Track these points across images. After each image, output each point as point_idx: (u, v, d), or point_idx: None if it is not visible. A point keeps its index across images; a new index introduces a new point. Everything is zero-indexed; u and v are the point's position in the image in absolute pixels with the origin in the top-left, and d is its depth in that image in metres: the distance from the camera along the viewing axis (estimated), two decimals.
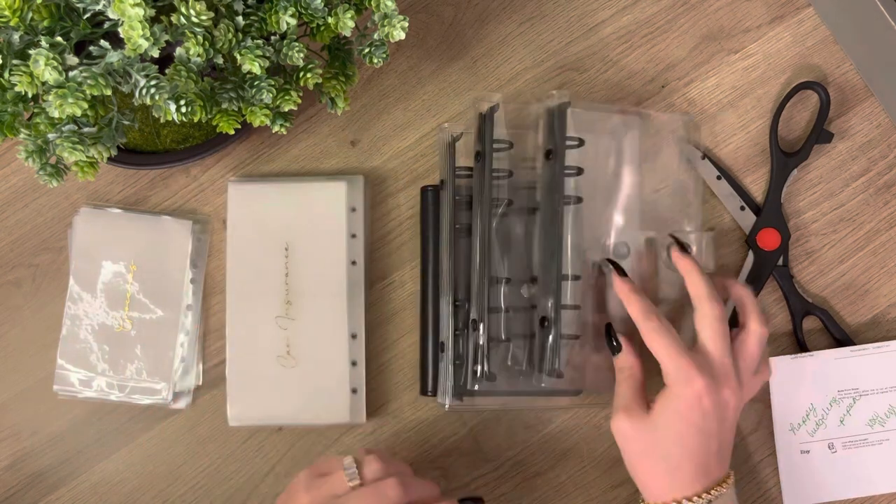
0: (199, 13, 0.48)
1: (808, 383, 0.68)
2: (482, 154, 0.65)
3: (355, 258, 0.69)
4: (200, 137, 0.67)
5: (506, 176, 0.66)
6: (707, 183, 0.70)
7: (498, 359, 0.64)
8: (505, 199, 0.65)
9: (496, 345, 0.64)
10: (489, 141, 0.64)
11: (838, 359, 0.67)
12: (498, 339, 0.64)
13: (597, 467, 0.68)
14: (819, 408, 0.67)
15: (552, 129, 0.64)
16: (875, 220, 0.71)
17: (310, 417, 0.67)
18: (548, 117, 0.65)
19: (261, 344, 0.67)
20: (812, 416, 0.67)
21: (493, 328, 0.64)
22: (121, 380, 0.68)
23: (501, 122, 0.66)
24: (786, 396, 0.68)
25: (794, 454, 0.67)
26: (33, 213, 0.70)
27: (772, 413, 0.68)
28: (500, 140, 0.65)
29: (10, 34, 0.49)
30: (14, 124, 0.52)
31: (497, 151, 0.65)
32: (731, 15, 0.72)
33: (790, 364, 0.68)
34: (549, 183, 0.64)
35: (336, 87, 0.60)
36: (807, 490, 0.67)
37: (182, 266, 0.69)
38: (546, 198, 0.64)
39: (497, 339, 0.64)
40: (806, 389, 0.68)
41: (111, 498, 0.68)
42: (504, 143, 0.66)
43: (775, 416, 0.68)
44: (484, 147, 0.65)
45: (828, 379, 0.67)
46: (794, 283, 0.69)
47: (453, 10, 0.72)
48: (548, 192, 0.64)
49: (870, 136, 0.71)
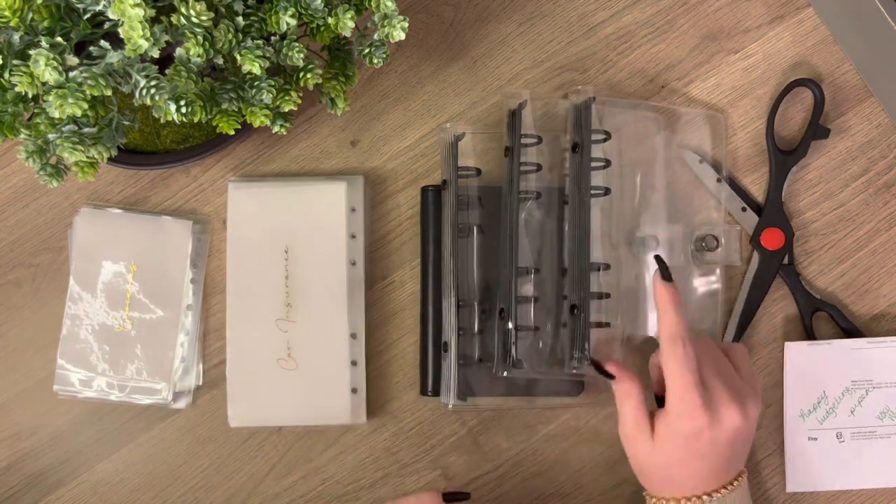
0: (199, 13, 0.48)
1: (822, 371, 0.68)
2: (511, 149, 0.66)
3: (355, 258, 0.69)
4: (200, 138, 0.67)
5: (534, 170, 0.67)
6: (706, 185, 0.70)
7: (525, 347, 0.65)
8: (534, 193, 0.66)
9: (524, 334, 0.65)
10: (518, 136, 0.66)
11: (855, 349, 0.67)
12: (526, 328, 0.65)
13: (597, 467, 0.68)
14: (831, 396, 0.67)
15: (578, 124, 0.66)
16: (875, 220, 0.71)
17: (310, 418, 0.67)
18: (574, 112, 0.67)
19: (261, 346, 0.67)
20: (823, 404, 0.67)
21: (522, 317, 0.65)
22: (121, 380, 0.68)
23: (530, 118, 0.67)
24: (799, 382, 0.68)
25: (802, 440, 0.68)
26: (33, 213, 0.70)
27: (783, 397, 0.68)
28: (529, 135, 0.67)
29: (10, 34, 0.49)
30: (14, 124, 0.52)
31: (525, 146, 0.66)
32: (731, 15, 0.72)
33: (806, 350, 0.68)
34: (576, 175, 0.65)
35: (336, 88, 0.60)
36: (811, 477, 0.67)
37: (182, 266, 0.69)
38: (574, 189, 0.66)
39: (526, 327, 0.65)
40: (819, 377, 0.68)
41: (111, 498, 0.68)
42: (532, 138, 0.67)
43: (786, 400, 0.68)
44: (514, 142, 0.66)
45: (842, 368, 0.67)
46: (800, 281, 0.69)
47: (453, 10, 0.72)
48: (575, 184, 0.65)
49: (869, 136, 0.71)
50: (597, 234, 0.66)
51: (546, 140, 0.68)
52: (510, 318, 0.64)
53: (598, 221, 0.66)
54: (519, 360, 0.64)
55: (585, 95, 0.66)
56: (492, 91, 0.71)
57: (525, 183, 0.66)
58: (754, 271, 0.69)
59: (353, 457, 0.68)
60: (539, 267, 0.66)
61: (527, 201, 0.67)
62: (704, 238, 0.69)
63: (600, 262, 0.66)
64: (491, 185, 0.68)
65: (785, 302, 0.70)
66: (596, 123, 0.66)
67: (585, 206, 0.65)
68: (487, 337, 0.66)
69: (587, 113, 0.66)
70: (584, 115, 0.66)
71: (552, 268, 0.67)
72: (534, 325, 0.65)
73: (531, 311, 0.66)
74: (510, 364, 0.64)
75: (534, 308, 0.66)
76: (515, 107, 0.67)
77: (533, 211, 0.67)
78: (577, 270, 0.65)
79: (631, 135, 0.69)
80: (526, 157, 0.66)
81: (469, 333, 0.66)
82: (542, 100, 0.71)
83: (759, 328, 0.70)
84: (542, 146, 0.68)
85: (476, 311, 0.67)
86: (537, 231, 0.67)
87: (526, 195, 0.66)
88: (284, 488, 0.68)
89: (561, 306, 0.66)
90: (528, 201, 0.67)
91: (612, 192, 0.67)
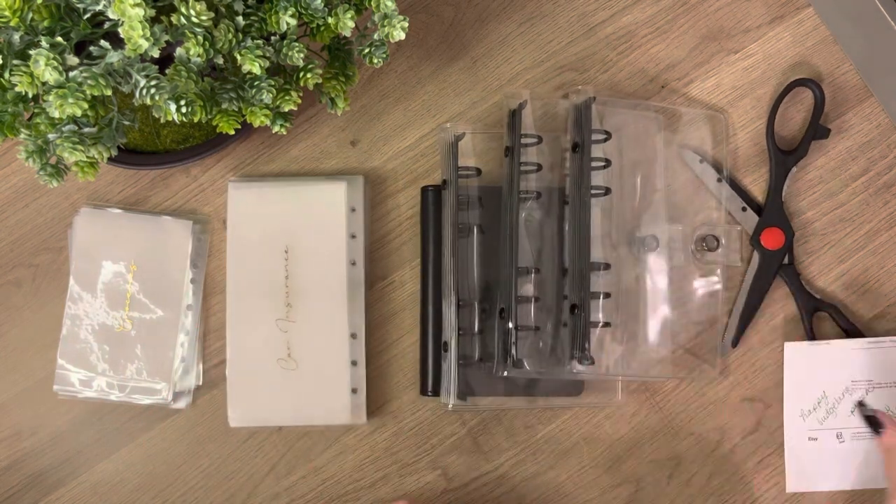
0: (199, 13, 0.48)
1: (822, 371, 0.68)
2: (512, 149, 0.66)
3: (355, 258, 0.69)
4: (200, 137, 0.67)
5: (535, 169, 0.67)
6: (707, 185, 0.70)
7: (525, 347, 0.65)
8: (534, 193, 0.67)
9: (525, 333, 0.65)
10: (518, 136, 0.66)
11: (855, 349, 0.67)
12: (526, 328, 0.65)
13: (597, 467, 0.68)
14: (831, 396, 0.67)
15: (578, 124, 0.66)
16: (875, 220, 0.71)
17: (310, 418, 0.67)
18: (574, 112, 0.67)
19: (261, 346, 0.67)
20: (823, 404, 0.67)
21: (522, 317, 0.65)
22: (121, 380, 0.68)
23: (530, 118, 0.68)
24: (799, 382, 0.68)
25: (803, 440, 0.68)
26: (33, 213, 0.70)
27: (783, 397, 0.68)
28: (529, 135, 0.67)
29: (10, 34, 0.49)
30: (14, 124, 0.52)
31: (526, 146, 0.66)
32: (731, 15, 0.72)
33: (806, 351, 0.68)
34: (576, 175, 0.66)
35: (336, 88, 0.60)
36: (811, 477, 0.67)
37: (182, 266, 0.69)
38: (574, 190, 0.66)
39: (526, 327, 0.65)
40: (820, 377, 0.68)
41: (111, 498, 0.68)
42: (533, 138, 0.67)
43: (786, 401, 0.68)
44: (514, 142, 0.66)
45: (842, 368, 0.68)
46: (801, 281, 0.69)
47: (453, 10, 0.72)
48: (575, 184, 0.66)
49: (869, 136, 0.71)
50: (597, 233, 0.66)
51: (546, 140, 0.68)
52: (510, 317, 0.64)
53: (598, 221, 0.66)
54: (520, 360, 0.64)
55: (585, 95, 0.66)
56: (492, 91, 0.71)
57: (525, 183, 0.66)
58: (754, 271, 0.69)
59: (353, 457, 0.68)
60: (539, 267, 0.66)
61: (527, 201, 0.67)
62: (705, 238, 0.69)
63: (601, 261, 0.66)
64: (491, 185, 0.68)
65: (785, 302, 0.70)
66: (597, 123, 0.66)
67: (586, 206, 0.65)
68: (487, 337, 0.67)
69: (587, 113, 0.66)
70: (584, 115, 0.66)
71: (552, 268, 0.67)
72: (534, 324, 0.65)
73: (531, 311, 0.66)
74: (511, 364, 0.64)
75: (534, 308, 0.66)
76: (516, 107, 0.67)
77: (533, 211, 0.67)
78: (577, 270, 0.65)
79: (631, 135, 0.69)
80: (526, 156, 0.66)
81: (469, 333, 0.66)
82: (542, 100, 0.71)
83: (760, 328, 0.70)
84: (543, 146, 0.68)
85: (476, 311, 0.67)
86: (537, 231, 0.67)
87: (526, 195, 0.66)
88: (284, 488, 0.68)
89: (561, 306, 0.66)
90: (529, 201, 0.67)
91: (612, 191, 0.67)
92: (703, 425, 0.69)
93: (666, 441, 0.69)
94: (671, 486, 0.68)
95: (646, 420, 0.69)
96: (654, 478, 0.68)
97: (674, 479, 0.68)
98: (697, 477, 0.68)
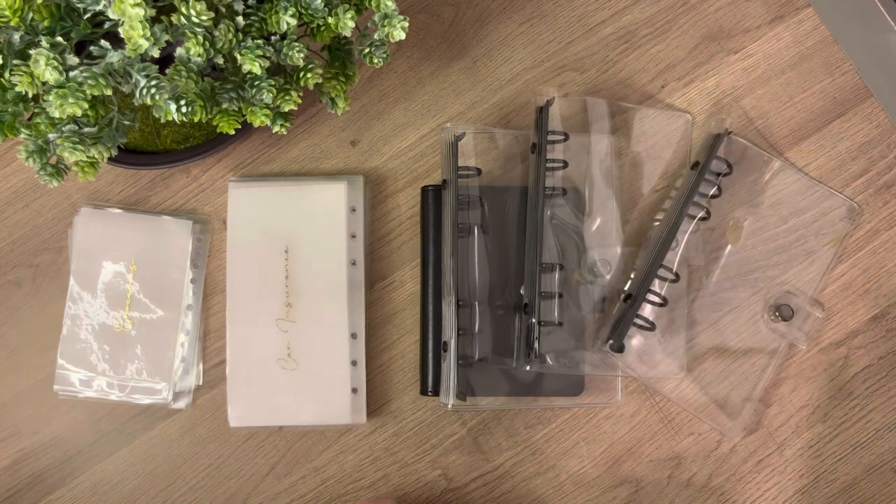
0: (199, 13, 0.48)
1: None
2: (538, 145, 0.66)
3: (355, 258, 0.69)
4: (200, 137, 0.67)
5: (561, 167, 0.67)
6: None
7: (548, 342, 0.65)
8: (560, 189, 0.67)
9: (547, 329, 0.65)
10: (545, 133, 0.66)
11: None
12: (549, 323, 0.65)
13: (597, 467, 0.68)
14: None
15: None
16: (875, 220, 0.71)
17: (310, 418, 0.67)
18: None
19: (262, 347, 0.67)
20: None
21: (545, 312, 0.65)
22: (121, 380, 0.68)
23: (557, 116, 0.68)
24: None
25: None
26: (33, 213, 0.70)
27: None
28: (556, 132, 0.67)
29: (10, 34, 0.49)
30: (14, 124, 0.52)
31: (553, 143, 0.67)
32: (731, 15, 0.72)
33: None
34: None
35: (336, 88, 0.60)
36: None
37: (182, 266, 0.69)
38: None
39: (549, 322, 0.65)
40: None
41: (111, 498, 0.68)
42: (559, 135, 0.67)
43: None
44: (541, 139, 0.66)
45: None
46: None
47: (453, 11, 0.72)
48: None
49: (869, 136, 0.71)
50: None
51: (573, 137, 0.68)
52: (534, 313, 0.64)
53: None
54: (542, 355, 0.64)
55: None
56: (492, 91, 0.71)
57: (551, 180, 0.67)
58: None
59: (353, 457, 0.68)
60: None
61: (552, 198, 0.67)
62: (780, 307, 0.68)
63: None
64: (491, 185, 0.68)
65: None
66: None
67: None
68: (487, 336, 0.67)
69: (546, 115, 0.66)
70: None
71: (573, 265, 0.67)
72: (557, 320, 0.66)
73: (555, 307, 0.66)
74: (534, 358, 0.64)
75: (558, 304, 0.66)
76: (543, 103, 0.67)
77: (557, 207, 0.67)
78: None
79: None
80: (553, 153, 0.67)
81: (469, 333, 0.66)
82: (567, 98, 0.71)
83: None
84: (569, 143, 0.68)
85: (476, 310, 0.67)
86: (562, 227, 0.67)
87: (553, 192, 0.67)
88: (284, 488, 0.68)
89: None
90: (555, 197, 0.67)
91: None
92: (703, 425, 0.69)
93: (666, 441, 0.69)
94: (671, 486, 0.68)
95: (646, 420, 0.69)
96: (654, 478, 0.68)
97: (674, 479, 0.68)
98: (697, 477, 0.68)
